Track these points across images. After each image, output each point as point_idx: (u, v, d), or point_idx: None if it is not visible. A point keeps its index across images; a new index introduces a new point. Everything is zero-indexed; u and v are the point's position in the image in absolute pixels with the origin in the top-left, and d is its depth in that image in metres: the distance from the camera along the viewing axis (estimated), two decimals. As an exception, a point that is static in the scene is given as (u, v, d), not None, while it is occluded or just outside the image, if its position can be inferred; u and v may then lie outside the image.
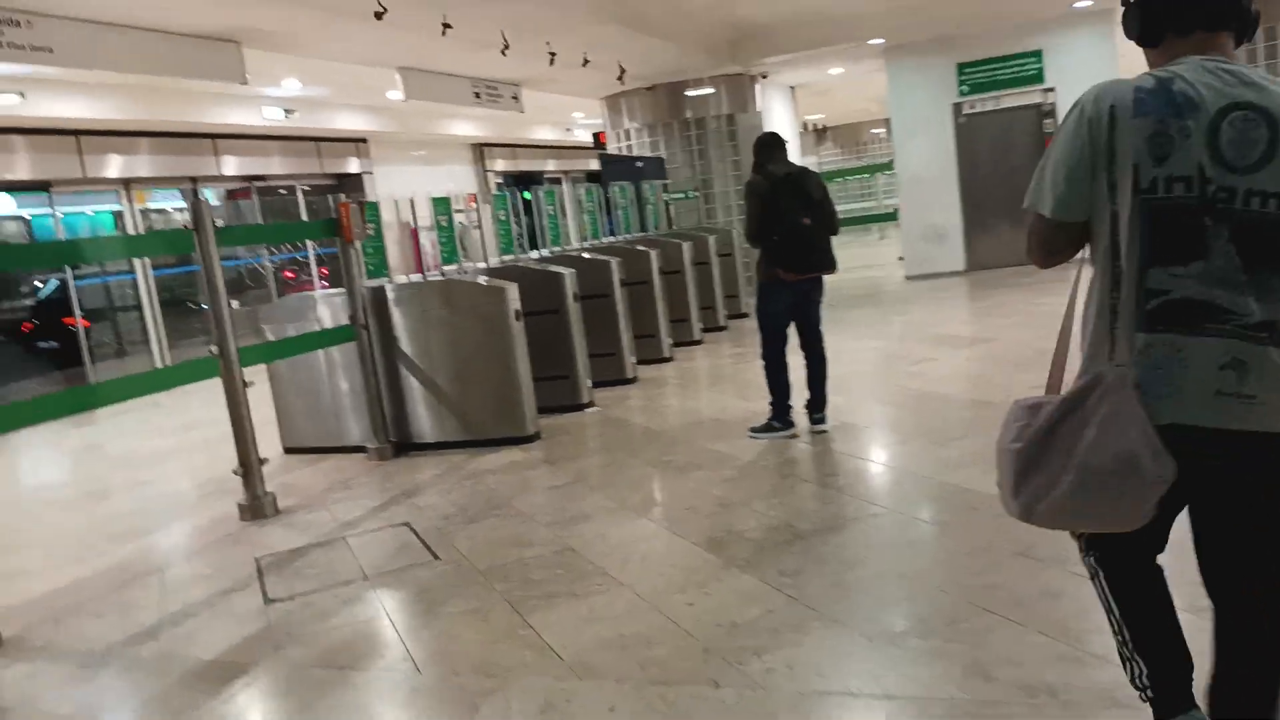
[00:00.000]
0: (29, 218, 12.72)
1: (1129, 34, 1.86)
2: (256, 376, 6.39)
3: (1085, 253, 1.88)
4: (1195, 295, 1.64)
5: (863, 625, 3.10)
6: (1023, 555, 3.43)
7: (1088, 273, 1.86)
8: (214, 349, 5.20)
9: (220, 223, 5.31)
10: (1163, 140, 1.64)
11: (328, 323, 6.38)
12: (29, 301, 13.16)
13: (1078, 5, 11.24)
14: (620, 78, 12.20)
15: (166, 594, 4.18)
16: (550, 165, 20.67)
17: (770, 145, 5.75)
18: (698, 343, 9.26)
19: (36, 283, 13.21)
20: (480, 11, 8.66)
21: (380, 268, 6.53)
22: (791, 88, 15.96)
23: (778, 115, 15.25)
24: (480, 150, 18.15)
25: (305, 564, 4.37)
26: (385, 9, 7.49)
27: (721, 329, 9.90)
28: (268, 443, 6.46)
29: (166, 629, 3.78)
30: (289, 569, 4.32)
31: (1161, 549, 1.93)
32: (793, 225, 5.42)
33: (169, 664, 3.47)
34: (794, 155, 15.83)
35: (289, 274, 16.23)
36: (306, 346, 6.25)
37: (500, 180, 18.62)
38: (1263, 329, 1.63)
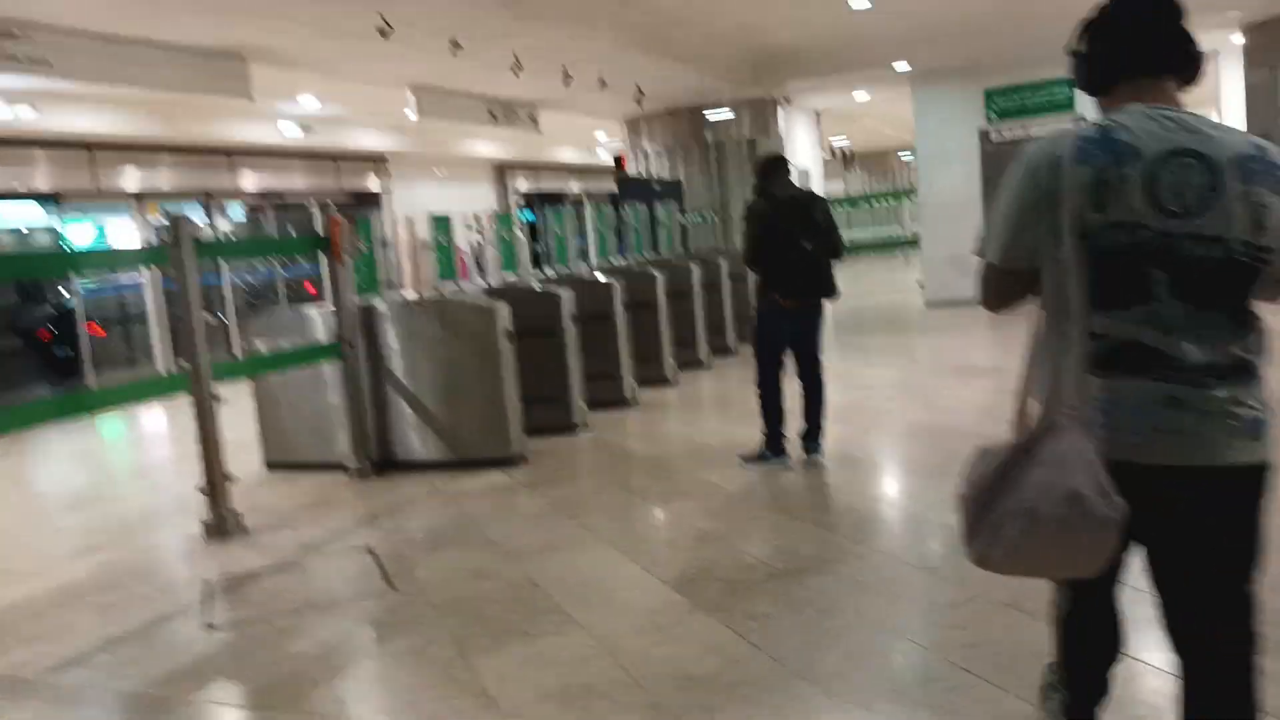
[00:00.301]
0: (57, 228, 12.76)
1: (1078, 83, 1.88)
2: (242, 388, 6.26)
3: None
4: (1136, 339, 1.65)
5: (828, 682, 2.81)
6: (1012, 607, 3.12)
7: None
8: (184, 363, 5.03)
9: (199, 237, 5.14)
10: (1103, 188, 1.64)
11: (320, 337, 6.19)
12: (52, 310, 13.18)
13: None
14: (638, 100, 12.05)
15: (107, 617, 3.96)
16: (574, 186, 20.58)
17: (774, 167, 5.53)
18: (704, 367, 8.99)
19: (63, 290, 13.24)
20: (491, 31, 8.54)
21: (371, 284, 6.36)
22: (816, 112, 15.74)
23: (801, 140, 15.04)
24: (502, 170, 18.07)
25: (256, 589, 4.14)
26: (391, 28, 7.38)
27: (730, 353, 9.62)
28: (249, 458, 6.32)
29: (97, 656, 3.56)
30: (238, 594, 4.10)
31: (1116, 584, 1.88)
32: (793, 250, 5.18)
33: (89, 696, 3.25)
34: (818, 181, 15.62)
35: (312, 288, 16.16)
36: (288, 363, 6.07)
37: (521, 200, 18.53)
38: (1201, 371, 1.63)
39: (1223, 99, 13.62)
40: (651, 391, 7.86)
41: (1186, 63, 1.77)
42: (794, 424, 5.32)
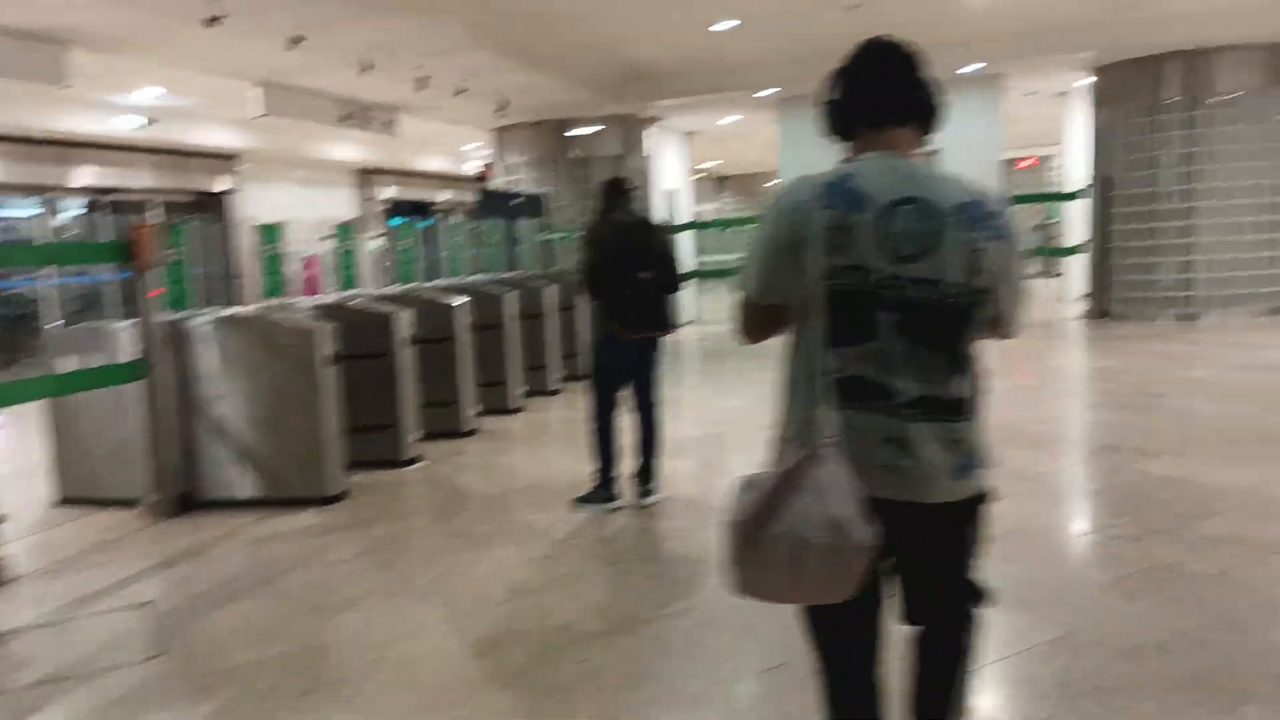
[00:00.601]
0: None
1: (825, 131, 1.97)
2: (35, 412, 5.69)
3: None
4: (864, 374, 1.77)
5: (616, 771, 2.60)
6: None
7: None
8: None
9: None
10: (839, 232, 1.74)
11: (121, 356, 5.64)
12: None
13: (962, 71, 11.25)
14: (501, 110, 11.75)
15: None
16: (442, 196, 20.03)
17: (617, 191, 5.32)
18: (554, 393, 8.74)
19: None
20: (340, 26, 8.13)
21: (182, 298, 5.87)
22: (687, 134, 15.74)
23: (669, 161, 14.99)
24: (365, 176, 17.42)
25: (6, 654, 3.66)
26: (218, 16, 6.89)
27: (583, 379, 9.39)
28: (42, 489, 5.75)
29: None
30: (-19, 660, 3.62)
31: (878, 608, 1.96)
32: (632, 280, 4.98)
33: None
34: (686, 202, 15.61)
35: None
36: (79, 385, 5.51)
37: (385, 208, 17.90)
38: (916, 405, 1.76)
39: (1067, 139, 14.24)
40: (496, 420, 7.57)
41: (923, 112, 1.89)
42: (630, 462, 5.13)
